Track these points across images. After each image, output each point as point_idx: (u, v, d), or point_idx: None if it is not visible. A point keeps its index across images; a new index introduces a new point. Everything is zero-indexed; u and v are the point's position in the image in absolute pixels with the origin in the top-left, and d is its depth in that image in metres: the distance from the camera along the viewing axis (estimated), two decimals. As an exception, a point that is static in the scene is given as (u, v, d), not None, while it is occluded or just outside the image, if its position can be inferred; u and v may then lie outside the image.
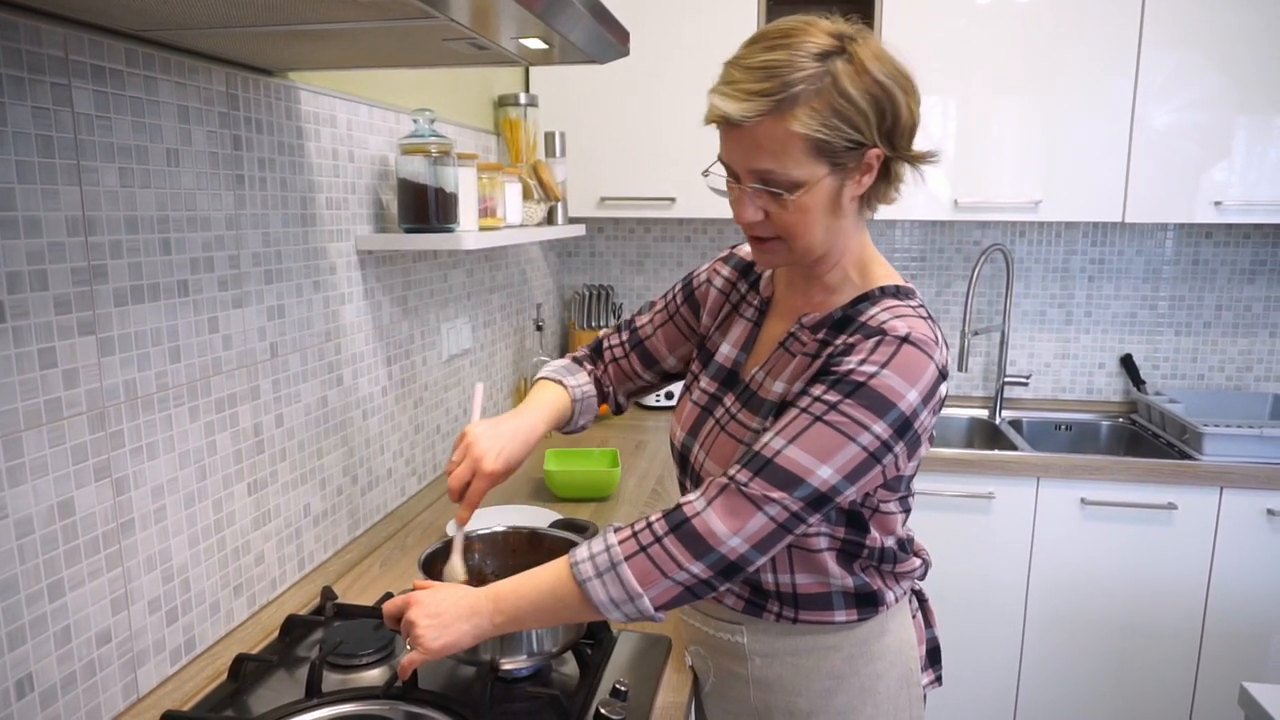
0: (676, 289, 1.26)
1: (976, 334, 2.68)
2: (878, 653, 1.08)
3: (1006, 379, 2.65)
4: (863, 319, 0.97)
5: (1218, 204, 2.25)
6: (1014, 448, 2.35)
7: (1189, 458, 2.20)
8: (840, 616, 1.05)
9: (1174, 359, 2.69)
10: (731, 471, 0.93)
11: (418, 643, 0.95)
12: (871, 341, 0.92)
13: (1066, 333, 2.72)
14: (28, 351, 0.90)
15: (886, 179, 0.98)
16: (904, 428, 0.92)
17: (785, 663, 1.07)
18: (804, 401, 0.93)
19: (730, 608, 1.09)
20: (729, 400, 1.09)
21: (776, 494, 0.90)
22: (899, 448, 0.93)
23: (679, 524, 0.92)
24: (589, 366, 1.30)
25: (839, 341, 0.96)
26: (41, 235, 0.91)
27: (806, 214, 0.95)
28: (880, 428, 0.91)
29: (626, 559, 0.92)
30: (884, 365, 0.91)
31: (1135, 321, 2.69)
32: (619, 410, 1.34)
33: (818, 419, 0.91)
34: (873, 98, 0.90)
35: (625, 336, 1.29)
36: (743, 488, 0.91)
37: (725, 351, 1.14)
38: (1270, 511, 2.11)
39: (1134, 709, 2.26)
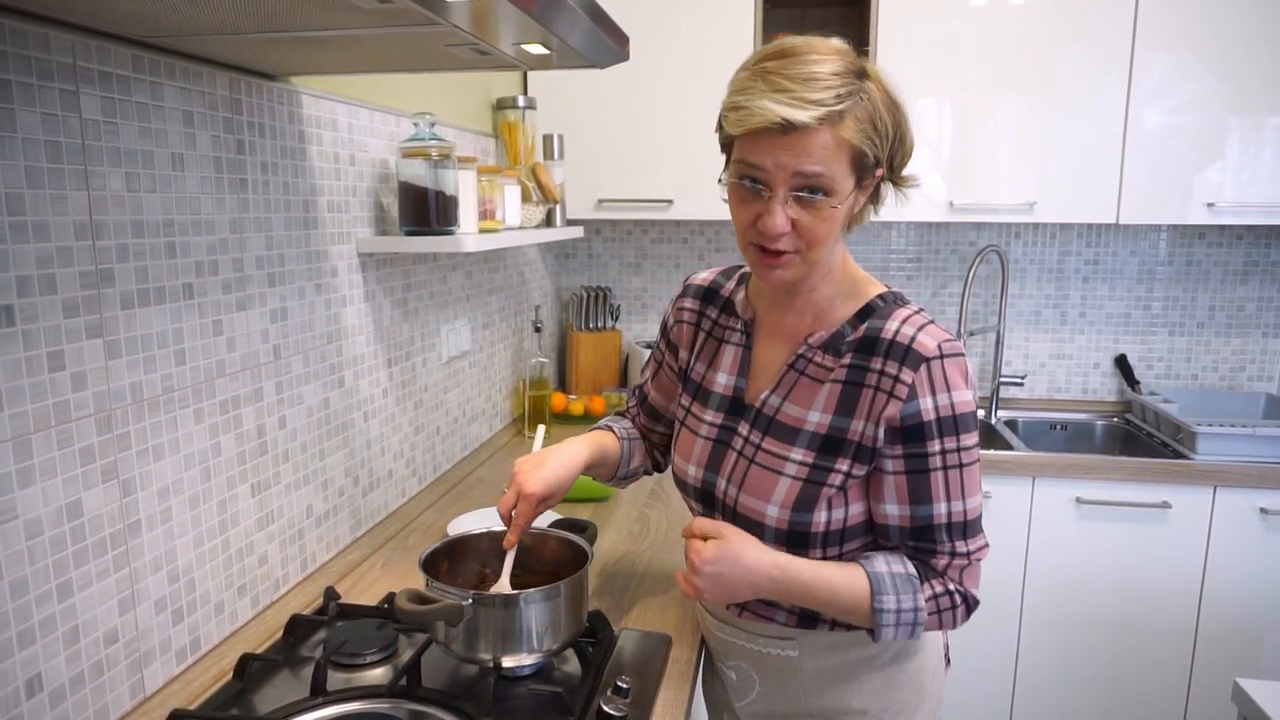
0: (659, 339, 1.29)
1: (972, 335, 2.69)
2: (919, 646, 1.12)
3: (1002, 379, 2.67)
4: (885, 336, 0.99)
5: (1211, 205, 2.27)
6: (1009, 447, 2.36)
7: (1183, 457, 2.22)
8: None
9: (1168, 359, 2.71)
10: (956, 548, 1.02)
11: (699, 578, 1.00)
12: (922, 371, 0.97)
13: (1061, 333, 2.74)
14: (36, 355, 0.91)
15: (874, 199, 1.03)
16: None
17: (838, 668, 1.10)
18: (934, 461, 0.99)
19: (783, 624, 1.10)
20: (744, 429, 1.08)
21: (985, 548, 1.05)
22: None
23: (974, 604, 1.04)
24: (631, 415, 1.37)
25: (877, 367, 0.99)
26: (50, 240, 0.92)
27: (833, 224, 0.97)
28: (973, 439, 1.01)
29: (925, 622, 1.01)
30: (955, 388, 0.97)
31: (1129, 322, 2.71)
32: (659, 469, 1.36)
33: (965, 466, 1.00)
34: (895, 120, 0.97)
35: (636, 397, 1.35)
36: (973, 556, 1.03)
37: (723, 381, 1.13)
38: (1263, 510, 2.13)
39: (1129, 706, 2.28)
